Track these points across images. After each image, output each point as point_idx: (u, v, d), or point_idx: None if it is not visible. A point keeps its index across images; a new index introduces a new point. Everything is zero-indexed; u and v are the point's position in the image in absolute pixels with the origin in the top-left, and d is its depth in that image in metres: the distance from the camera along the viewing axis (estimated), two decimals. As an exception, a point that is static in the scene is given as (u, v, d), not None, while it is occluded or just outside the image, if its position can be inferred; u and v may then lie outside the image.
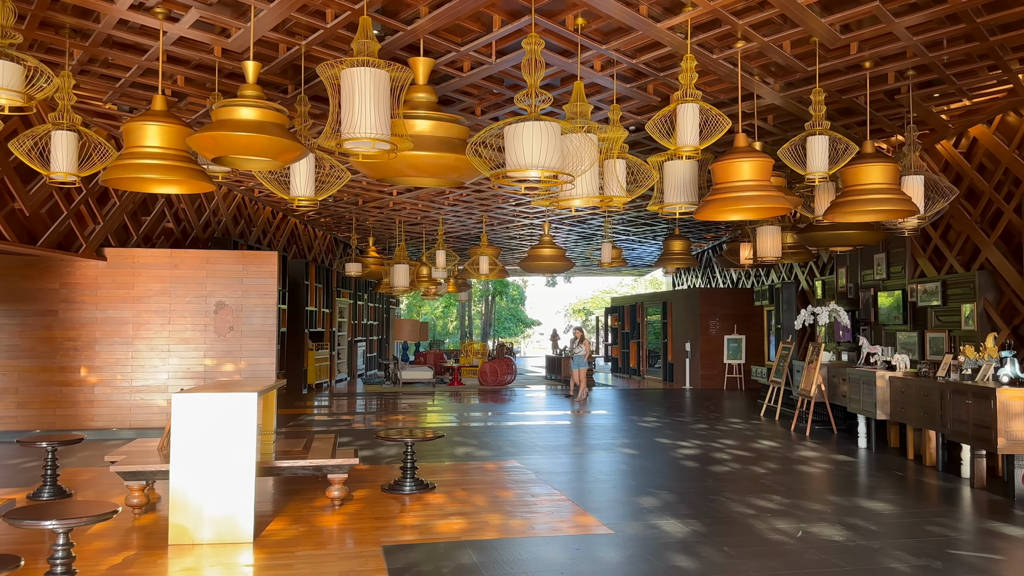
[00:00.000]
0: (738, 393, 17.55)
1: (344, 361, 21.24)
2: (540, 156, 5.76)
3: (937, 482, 7.42)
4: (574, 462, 8.51)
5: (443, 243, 17.04)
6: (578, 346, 15.98)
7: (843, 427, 11.26)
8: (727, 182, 7.10)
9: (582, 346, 15.91)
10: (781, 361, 13.22)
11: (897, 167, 7.54)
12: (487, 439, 10.16)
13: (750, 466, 8.22)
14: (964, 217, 9.90)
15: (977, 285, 9.44)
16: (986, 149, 9.43)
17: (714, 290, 20.43)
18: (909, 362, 9.13)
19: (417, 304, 47.19)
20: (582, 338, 16.00)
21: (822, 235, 10.44)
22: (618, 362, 25.01)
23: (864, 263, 12.83)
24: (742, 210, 7.59)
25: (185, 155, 6.33)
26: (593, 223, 18.68)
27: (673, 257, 15.46)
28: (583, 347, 15.88)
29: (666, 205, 8.15)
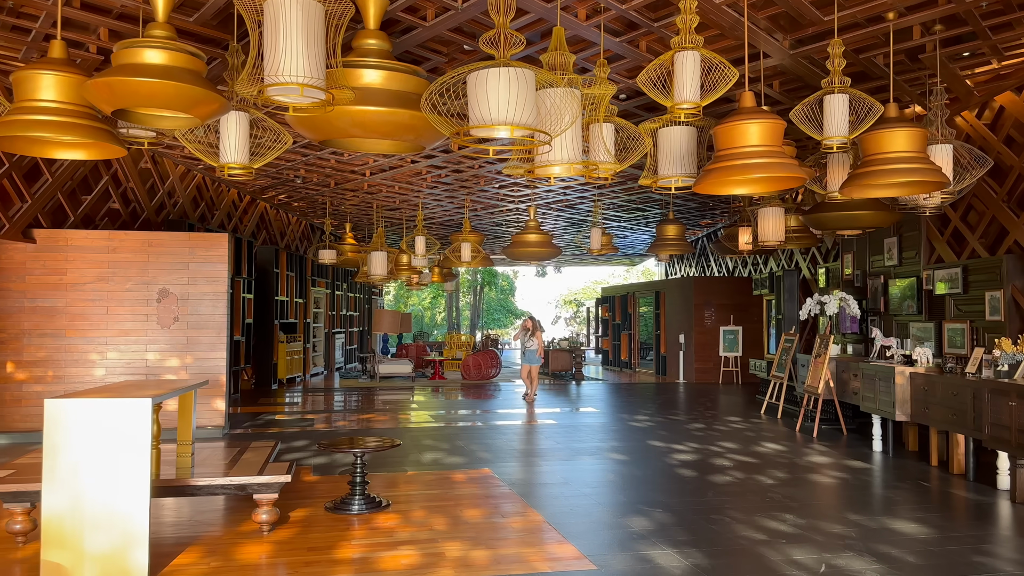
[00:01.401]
0: (735, 388, 16.61)
1: (320, 354, 20.19)
2: (510, 110, 4.74)
3: (971, 495, 6.46)
4: (555, 471, 7.51)
5: (423, 229, 15.99)
6: (529, 339, 13.96)
7: (853, 427, 10.31)
8: (732, 148, 6.10)
9: (534, 339, 13.90)
10: (783, 354, 12.26)
11: (926, 133, 6.55)
12: (460, 442, 9.16)
13: (755, 475, 7.25)
14: (989, 195, 8.93)
15: (1005, 271, 8.48)
16: (1015, 119, 8.45)
17: (709, 279, 19.47)
18: (932, 356, 8.15)
19: (404, 295, 46.16)
20: (534, 329, 13.98)
21: (830, 216, 9.47)
22: (609, 355, 24.04)
23: (873, 248, 11.86)
24: (749, 181, 6.60)
25: (87, 112, 5.26)
26: (582, 208, 17.67)
27: (666, 243, 14.49)
28: (535, 340, 13.89)
29: (660, 178, 7.17)
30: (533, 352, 13.87)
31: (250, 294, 15.19)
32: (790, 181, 6.38)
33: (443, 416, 11.64)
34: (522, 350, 14.16)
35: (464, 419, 11.29)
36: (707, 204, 17.04)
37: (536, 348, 13.85)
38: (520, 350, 14.36)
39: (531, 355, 13.88)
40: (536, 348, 13.85)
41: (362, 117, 5.27)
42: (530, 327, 13.96)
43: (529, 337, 13.96)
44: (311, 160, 12.52)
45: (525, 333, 14.13)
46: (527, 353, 13.95)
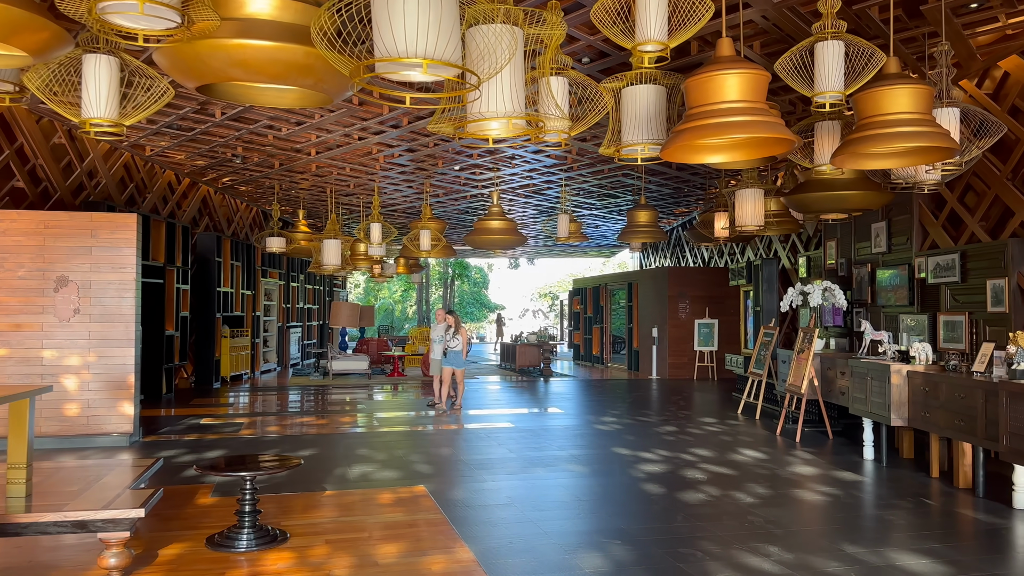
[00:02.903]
0: (710, 384, 15.69)
1: (273, 349, 18.99)
2: (423, 40, 3.68)
3: (984, 516, 5.51)
4: (502, 488, 6.47)
5: (379, 215, 14.85)
6: (453, 337, 11.36)
7: (839, 429, 9.38)
8: (706, 105, 5.08)
9: (458, 337, 11.36)
10: (762, 349, 11.32)
11: (932, 91, 5.57)
12: (401, 451, 8.09)
13: (733, 491, 6.26)
14: (991, 173, 8.01)
15: (1009, 256, 7.55)
16: (1022, 86, 7.52)
17: (684, 269, 18.53)
18: (931, 353, 7.22)
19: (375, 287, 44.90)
20: (457, 325, 11.44)
21: (815, 198, 8.50)
22: (580, 349, 23.07)
23: (859, 234, 10.94)
24: (727, 147, 5.59)
25: None
26: (551, 194, 16.63)
27: (638, 230, 13.50)
28: (459, 338, 11.36)
29: (624, 145, 6.14)
30: (457, 353, 11.34)
31: (186, 285, 13.98)
32: (775, 145, 5.38)
33: (389, 419, 10.55)
34: (445, 351, 11.43)
35: (412, 422, 10.21)
36: (682, 190, 16.09)
37: (460, 348, 11.33)
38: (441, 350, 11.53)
39: (455, 356, 11.35)
40: (460, 348, 11.33)
41: (242, 54, 4.18)
42: (453, 323, 11.44)
43: (453, 335, 11.39)
44: (246, 136, 11.36)
45: (447, 330, 11.48)
46: (449, 354, 11.34)
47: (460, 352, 11.37)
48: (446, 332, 11.46)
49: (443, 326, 11.57)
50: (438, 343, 11.60)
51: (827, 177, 8.44)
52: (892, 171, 7.20)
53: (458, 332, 11.41)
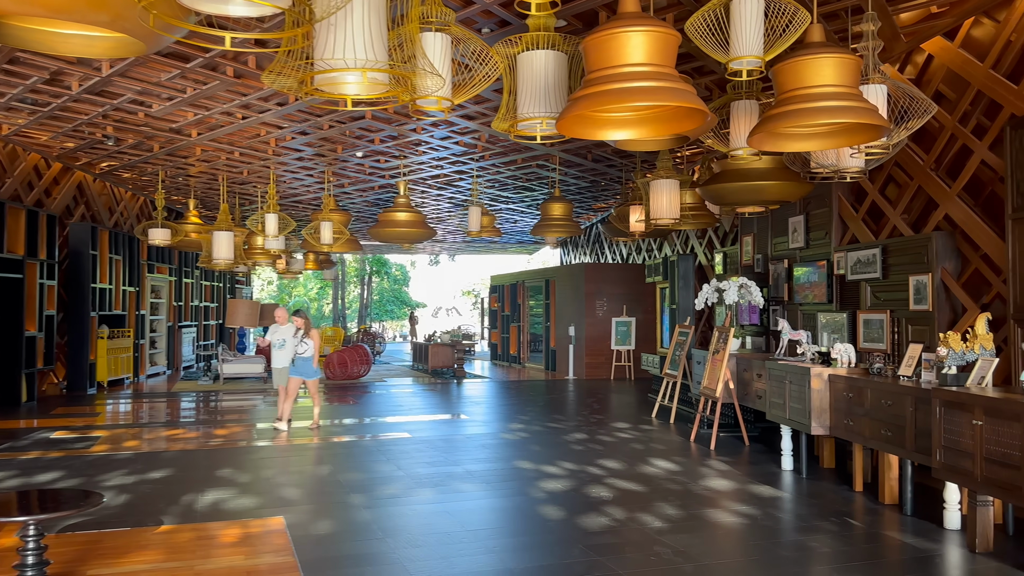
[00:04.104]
0: (627, 385, 15.13)
1: (162, 351, 17.53)
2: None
3: (913, 539, 4.93)
4: (376, 516, 5.59)
5: (275, 204, 13.68)
6: (302, 341, 9.55)
7: (755, 434, 8.86)
8: (607, 68, 4.33)
9: (308, 341, 9.55)
10: (677, 349, 10.75)
11: (859, 62, 4.96)
12: (269, 471, 7.10)
13: (640, 513, 5.54)
14: (914, 163, 7.56)
15: (933, 251, 7.09)
16: (948, 70, 7.07)
17: (601, 266, 17.97)
18: (854, 355, 6.68)
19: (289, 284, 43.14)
20: (307, 327, 9.62)
21: (731, 188, 7.93)
22: (498, 349, 22.30)
23: (776, 229, 10.46)
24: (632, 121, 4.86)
25: None
26: (464, 186, 15.77)
27: (552, 223, 12.80)
28: (309, 342, 9.54)
29: (520, 120, 5.36)
30: (307, 361, 9.51)
31: (53, 280, 12.54)
32: (686, 119, 4.66)
33: (270, 431, 9.50)
34: (294, 359, 9.62)
35: (296, 434, 9.20)
36: (599, 183, 15.47)
37: (311, 354, 9.52)
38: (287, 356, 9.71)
39: (304, 364, 9.53)
40: (311, 354, 9.52)
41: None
42: (303, 325, 9.56)
43: (301, 339, 9.52)
44: (113, 113, 10.10)
45: (295, 333, 9.58)
46: (298, 362, 9.53)
47: (311, 359, 9.54)
48: (294, 335, 9.59)
49: (289, 328, 9.72)
50: (280, 348, 9.68)
51: (743, 167, 7.89)
52: (813, 158, 6.64)
53: (308, 335, 9.57)
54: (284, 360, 9.71)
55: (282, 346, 9.67)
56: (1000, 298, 6.31)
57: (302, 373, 9.56)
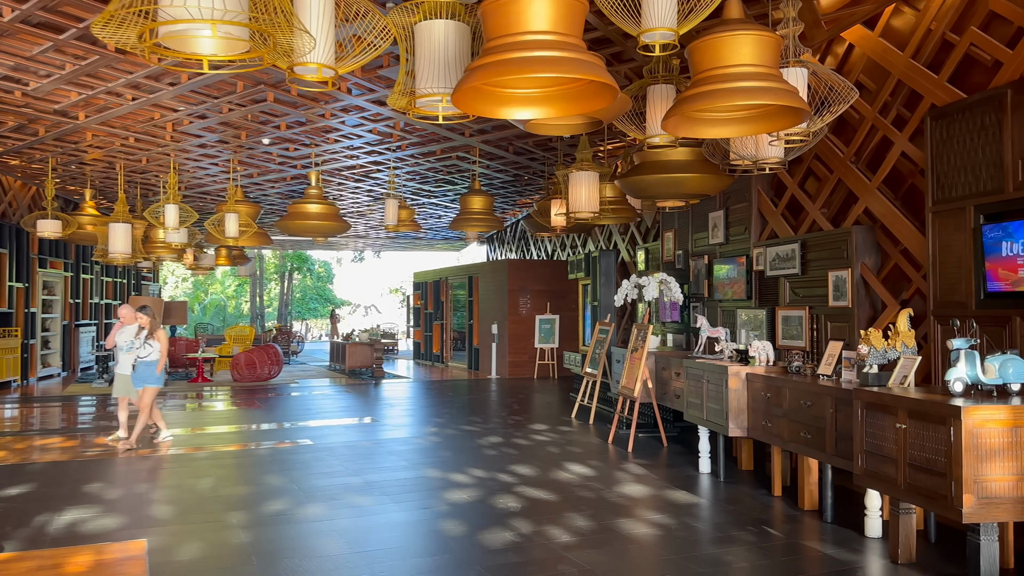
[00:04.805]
0: (550, 384, 14.78)
1: (56, 352, 16.31)
2: None
3: (834, 549, 4.64)
4: (255, 537, 5.01)
5: (176, 194, 12.78)
6: (145, 343, 8.09)
7: (674, 434, 8.59)
8: (506, 35, 3.88)
9: (153, 343, 8.10)
10: (597, 347, 10.42)
11: (780, 41, 4.65)
12: (142, 486, 6.41)
13: (548, 526, 5.11)
14: (834, 156, 7.38)
15: (853, 245, 6.91)
16: (868, 60, 6.89)
17: (525, 262, 17.58)
18: (772, 353, 6.41)
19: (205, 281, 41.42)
20: (152, 328, 8.20)
21: (650, 180, 7.65)
22: (421, 347, 21.71)
23: (696, 225, 10.25)
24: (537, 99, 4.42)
25: None
26: (382, 178, 15.12)
27: (471, 217, 12.34)
28: (153, 344, 8.10)
29: (418, 96, 4.86)
30: (151, 366, 8.06)
31: (-80, 275, 11.40)
32: (595, 95, 4.25)
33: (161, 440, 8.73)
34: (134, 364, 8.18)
35: (183, 442, 8.47)
36: (522, 177, 15.06)
37: (156, 358, 8.07)
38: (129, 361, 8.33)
39: (146, 370, 8.06)
40: (156, 358, 8.07)
41: None
42: (147, 324, 8.15)
43: (144, 341, 8.09)
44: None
45: (138, 333, 8.19)
46: (139, 367, 8.07)
47: (155, 364, 8.08)
48: (136, 336, 8.17)
49: (132, 328, 8.35)
50: (129, 351, 8.28)
51: (662, 159, 7.60)
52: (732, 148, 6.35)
53: (153, 336, 8.13)
54: (127, 366, 8.38)
55: (130, 349, 8.30)
56: (920, 294, 6.14)
57: (143, 380, 8.05)
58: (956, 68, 5.78)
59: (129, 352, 8.34)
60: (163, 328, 8.26)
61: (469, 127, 10.92)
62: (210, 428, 9.41)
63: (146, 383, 8.09)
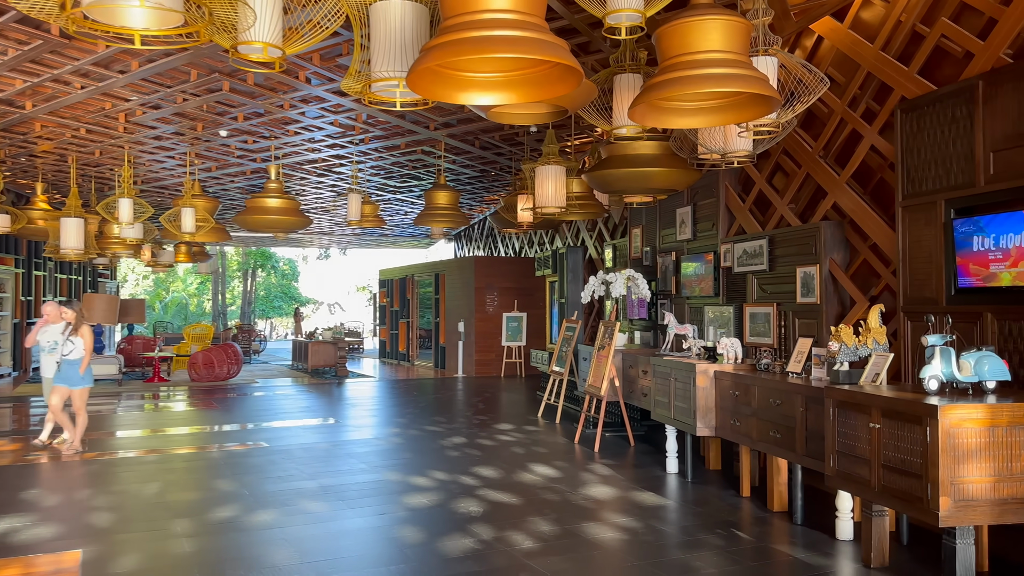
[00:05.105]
0: (517, 382, 14.59)
1: (7, 351, 15.73)
2: None
3: (804, 553, 4.50)
4: (201, 549, 4.73)
5: (131, 188, 12.35)
6: (68, 340, 7.59)
7: (641, 433, 8.44)
8: (464, 14, 3.66)
9: (74, 340, 7.58)
10: (564, 345, 10.24)
11: (750, 27, 4.49)
12: (84, 492, 6.08)
13: (510, 531, 4.91)
14: (803, 150, 7.27)
15: (821, 241, 6.80)
16: (837, 53, 6.78)
17: (492, 259, 17.37)
18: (741, 350, 6.27)
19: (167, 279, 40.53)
20: (78, 323, 7.68)
21: (617, 175, 7.50)
22: (386, 346, 21.39)
23: (664, 221, 10.12)
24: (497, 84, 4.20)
25: None
26: (345, 173, 14.79)
27: (436, 213, 12.09)
28: (77, 341, 7.59)
29: (374, 80, 4.63)
30: (74, 365, 7.55)
31: None
32: (559, 80, 4.04)
33: (103, 442, 8.37)
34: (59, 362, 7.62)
35: (134, 445, 8.12)
36: (489, 172, 14.84)
37: (79, 356, 7.55)
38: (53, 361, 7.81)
39: (70, 370, 7.55)
40: (79, 356, 7.55)
41: None
42: (75, 319, 7.66)
43: (67, 337, 7.57)
44: (-84, 76, 8.69)
45: (66, 330, 7.64)
46: (63, 366, 7.54)
47: (78, 363, 7.54)
48: (63, 332, 7.61)
49: (58, 326, 7.78)
50: (52, 352, 7.77)
51: (630, 153, 7.45)
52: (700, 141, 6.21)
53: (77, 332, 7.58)
54: (51, 368, 7.86)
55: (53, 349, 7.78)
56: (889, 290, 6.04)
57: (66, 380, 7.50)
58: (926, 60, 5.68)
59: (51, 353, 7.82)
60: (88, 324, 7.79)
61: (433, 120, 10.68)
62: (161, 430, 9.05)
63: (70, 384, 7.54)
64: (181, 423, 9.63)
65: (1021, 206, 4.56)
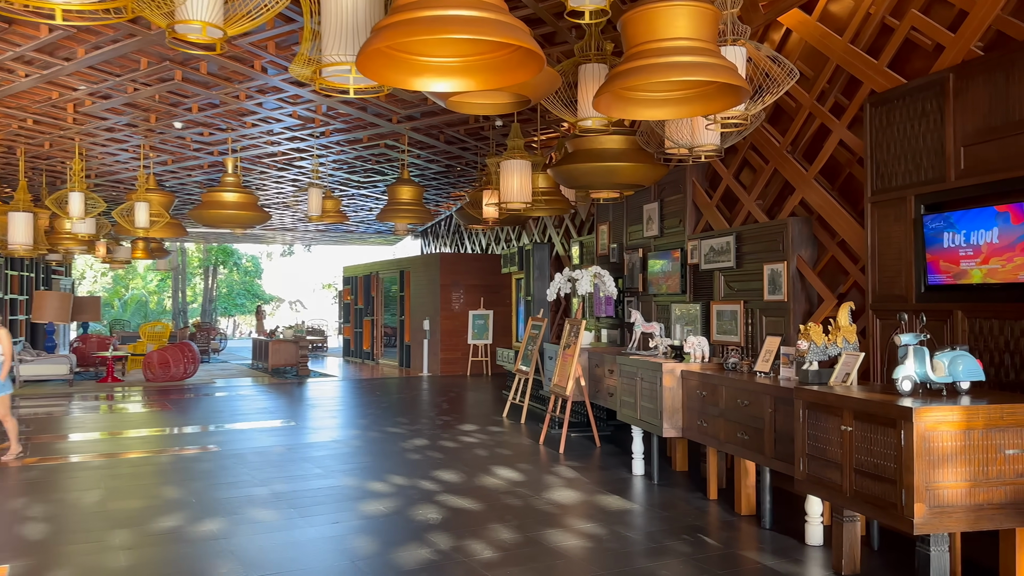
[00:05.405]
0: (483, 381, 14.37)
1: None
2: None
3: (774, 560, 4.35)
4: (134, 563, 4.45)
5: (82, 181, 11.89)
6: None
7: (607, 433, 8.29)
8: None
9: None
10: (530, 343, 10.05)
11: (718, 14, 4.31)
12: (19, 501, 5.74)
13: (470, 540, 4.69)
14: (770, 145, 7.15)
15: (789, 238, 6.68)
16: (806, 46, 6.66)
17: (458, 256, 17.12)
18: (708, 349, 6.13)
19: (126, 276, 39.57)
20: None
21: (583, 169, 7.34)
22: (351, 344, 21.02)
23: (631, 217, 9.97)
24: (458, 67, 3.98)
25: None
26: (306, 166, 14.43)
27: (399, 208, 11.81)
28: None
29: (325, 65, 4.37)
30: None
31: None
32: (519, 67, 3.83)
33: (45, 446, 7.98)
34: None
35: (75, 449, 7.75)
36: (455, 167, 14.59)
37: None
38: None
39: None
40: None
41: None
42: None
43: None
44: None
45: None
46: None
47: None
48: None
49: None
50: None
51: (596, 148, 7.29)
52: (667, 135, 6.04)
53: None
54: None
55: None
56: (858, 287, 5.93)
57: None
58: (896, 53, 5.57)
59: None
60: (4, 327, 7.32)
61: (396, 112, 10.40)
62: (110, 433, 8.68)
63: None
64: (131, 426, 9.26)
65: (992, 202, 4.46)
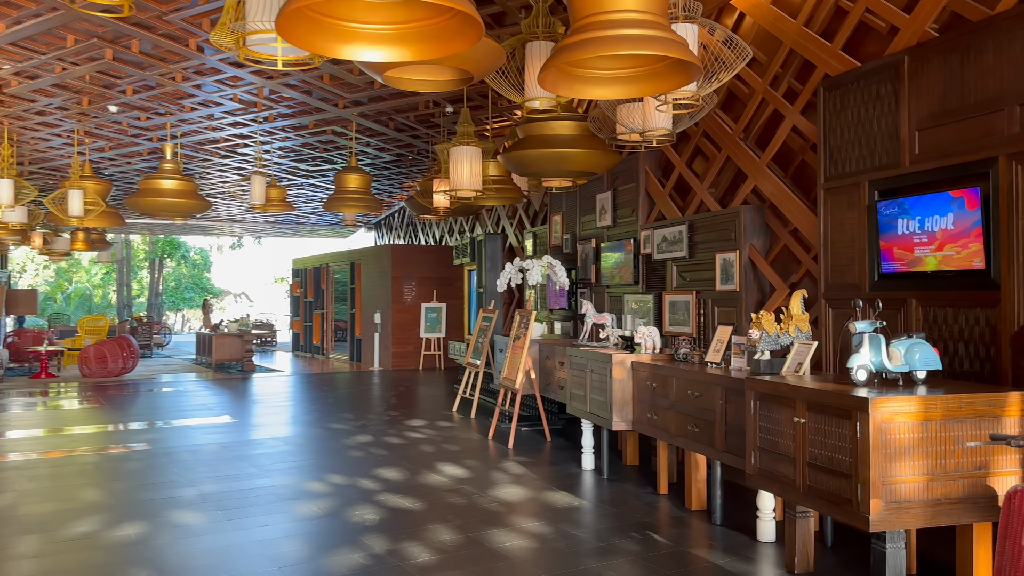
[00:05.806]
0: (436, 375, 14.08)
1: None
2: None
3: (725, 559, 4.17)
4: (39, 570, 4.10)
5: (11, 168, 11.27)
6: None
7: (559, 427, 8.09)
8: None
9: None
10: (480, 336, 9.79)
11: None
12: (-69, 502, 5.31)
13: (408, 542, 4.43)
14: (723, 132, 6.99)
15: (741, 227, 6.54)
16: (760, 30, 6.51)
17: (410, 247, 16.77)
18: (659, 340, 5.94)
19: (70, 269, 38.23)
20: None
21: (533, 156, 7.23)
22: (300, 338, 20.52)
23: (584, 207, 9.78)
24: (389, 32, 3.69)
25: None
26: (251, 154, 13.94)
27: (347, 197, 11.45)
28: None
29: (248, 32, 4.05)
30: None
31: None
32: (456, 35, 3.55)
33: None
34: None
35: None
36: (406, 157, 14.24)
37: None
38: None
39: None
40: None
41: None
42: None
43: None
44: None
45: None
46: None
47: None
48: None
49: None
50: None
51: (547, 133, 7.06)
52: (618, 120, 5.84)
53: None
54: None
55: None
56: (810, 276, 5.81)
57: None
58: (851, 36, 5.44)
59: None
60: None
61: (342, 96, 10.04)
62: (34, 431, 8.19)
63: None
64: (60, 423, 8.77)
65: (947, 187, 4.34)
